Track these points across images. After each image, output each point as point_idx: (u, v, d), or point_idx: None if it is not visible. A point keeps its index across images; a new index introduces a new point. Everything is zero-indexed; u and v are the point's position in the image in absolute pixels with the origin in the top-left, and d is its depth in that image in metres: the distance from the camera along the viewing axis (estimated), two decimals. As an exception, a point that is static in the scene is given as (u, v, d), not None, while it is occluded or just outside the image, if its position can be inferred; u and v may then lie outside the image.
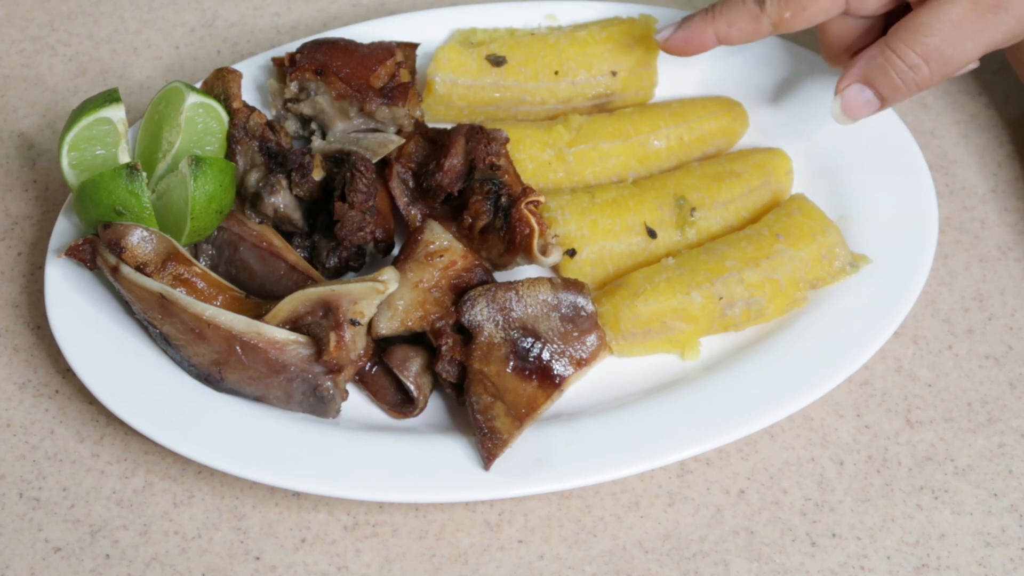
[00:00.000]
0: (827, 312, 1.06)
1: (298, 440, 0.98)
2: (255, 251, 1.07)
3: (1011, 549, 0.98)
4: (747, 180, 1.14)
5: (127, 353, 1.02)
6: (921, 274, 1.07)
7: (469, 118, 1.20)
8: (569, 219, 1.09)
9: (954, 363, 1.09)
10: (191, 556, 0.98)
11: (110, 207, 1.02)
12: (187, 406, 0.99)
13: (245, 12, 1.37)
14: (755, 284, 1.05)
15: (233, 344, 0.99)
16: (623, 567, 0.97)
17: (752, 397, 1.00)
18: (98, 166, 1.07)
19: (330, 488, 0.95)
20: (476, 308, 1.01)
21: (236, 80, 1.12)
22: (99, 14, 1.36)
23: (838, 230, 1.09)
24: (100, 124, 1.06)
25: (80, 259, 1.03)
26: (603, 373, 1.05)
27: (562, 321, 1.02)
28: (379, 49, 1.16)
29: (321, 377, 0.99)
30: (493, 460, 0.96)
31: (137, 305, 1.01)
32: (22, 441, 1.04)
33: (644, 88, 1.22)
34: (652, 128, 1.17)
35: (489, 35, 1.23)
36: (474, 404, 0.98)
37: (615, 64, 1.20)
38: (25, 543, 0.98)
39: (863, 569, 0.97)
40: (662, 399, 1.01)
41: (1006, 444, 1.04)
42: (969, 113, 1.26)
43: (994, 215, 1.18)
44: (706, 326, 1.05)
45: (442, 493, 0.95)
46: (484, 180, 1.07)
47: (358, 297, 0.99)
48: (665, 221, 1.11)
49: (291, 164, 1.07)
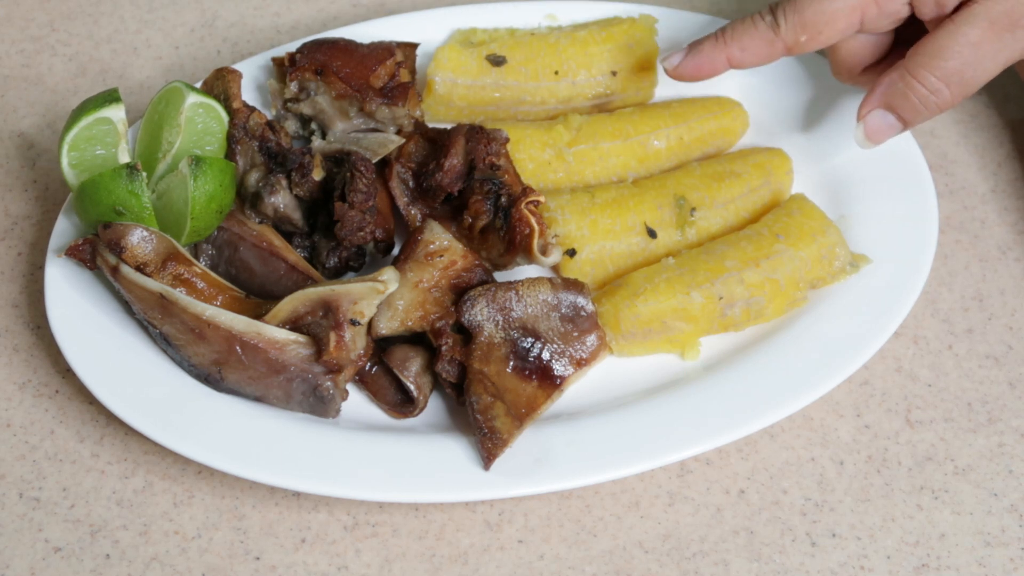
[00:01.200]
0: (827, 312, 1.06)
1: (298, 440, 0.98)
2: (255, 251, 1.07)
3: (1011, 549, 0.98)
4: (747, 180, 1.14)
5: (127, 353, 1.02)
6: (921, 274, 1.07)
7: (469, 118, 1.20)
8: (569, 219, 1.09)
9: (954, 363, 1.09)
10: (191, 556, 0.98)
11: (110, 207, 1.02)
12: (187, 406, 0.99)
13: (245, 12, 1.37)
14: (755, 284, 1.05)
15: (233, 344, 0.99)
16: (623, 567, 0.97)
17: (752, 397, 1.00)
18: (98, 166, 1.07)
19: (330, 488, 0.95)
20: (476, 308, 1.01)
21: (236, 80, 1.12)
22: (99, 14, 1.36)
23: (838, 230, 1.09)
24: (100, 124, 1.06)
25: (80, 259, 1.03)
26: (603, 373, 1.05)
27: (562, 321, 1.02)
28: (379, 49, 1.16)
29: (321, 377, 0.99)
30: (493, 460, 0.96)
31: (137, 305, 1.01)
32: (22, 441, 1.04)
33: (644, 88, 1.22)
34: (652, 128, 1.17)
35: (489, 35, 1.23)
36: (474, 404, 0.98)
37: (615, 64, 1.20)
38: (25, 543, 0.98)
39: (863, 569, 0.97)
40: (662, 399, 1.01)
41: (1006, 444, 1.04)
42: (969, 113, 1.26)
43: (994, 215, 1.18)
44: (706, 326, 1.05)
45: (442, 493, 0.95)
46: (484, 180, 1.07)
47: (358, 297, 0.99)
48: (665, 221, 1.11)
49: (291, 164, 1.07)
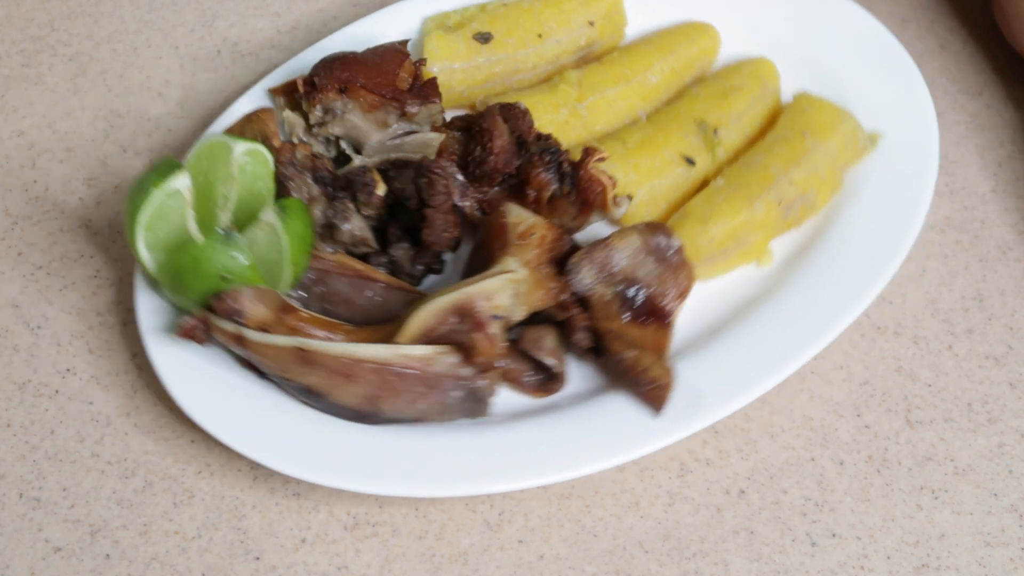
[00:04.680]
0: (862, 209, 1.12)
1: (467, 444, 0.98)
2: (345, 280, 1.05)
3: (1011, 549, 0.98)
4: (749, 91, 1.19)
5: (267, 406, 1.00)
6: (932, 149, 1.14)
7: (470, 100, 1.21)
8: (615, 167, 1.12)
9: (954, 363, 1.09)
10: (191, 556, 0.98)
11: (215, 277, 0.98)
12: (335, 439, 0.98)
13: (245, 12, 1.37)
14: (803, 182, 1.12)
15: (384, 375, 0.96)
16: (623, 567, 0.97)
17: (839, 290, 1.06)
18: (172, 241, 1.01)
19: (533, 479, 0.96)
20: (582, 273, 1.03)
21: (272, 119, 1.10)
22: (99, 14, 1.36)
23: (851, 115, 1.15)
24: (170, 199, 1.01)
25: (193, 338, 0.99)
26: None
27: (656, 263, 1.05)
28: (388, 53, 1.15)
29: (475, 379, 0.98)
30: (664, 405, 0.98)
31: (271, 366, 0.98)
32: (22, 441, 1.04)
33: (617, 30, 1.26)
34: (646, 66, 1.21)
35: (461, 15, 1.24)
36: (622, 361, 1.00)
37: (590, 14, 1.23)
38: (25, 543, 0.98)
39: (863, 569, 0.97)
40: (759, 313, 1.06)
41: (1006, 444, 1.04)
42: (969, 113, 1.26)
43: (994, 215, 1.18)
44: (772, 230, 1.11)
45: (627, 452, 0.97)
46: (543, 151, 1.09)
47: (492, 292, 0.98)
48: (695, 147, 1.15)
49: (357, 186, 1.06)
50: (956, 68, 1.29)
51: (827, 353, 1.08)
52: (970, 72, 1.29)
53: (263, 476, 1.02)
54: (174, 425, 1.04)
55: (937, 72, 1.29)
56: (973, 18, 1.34)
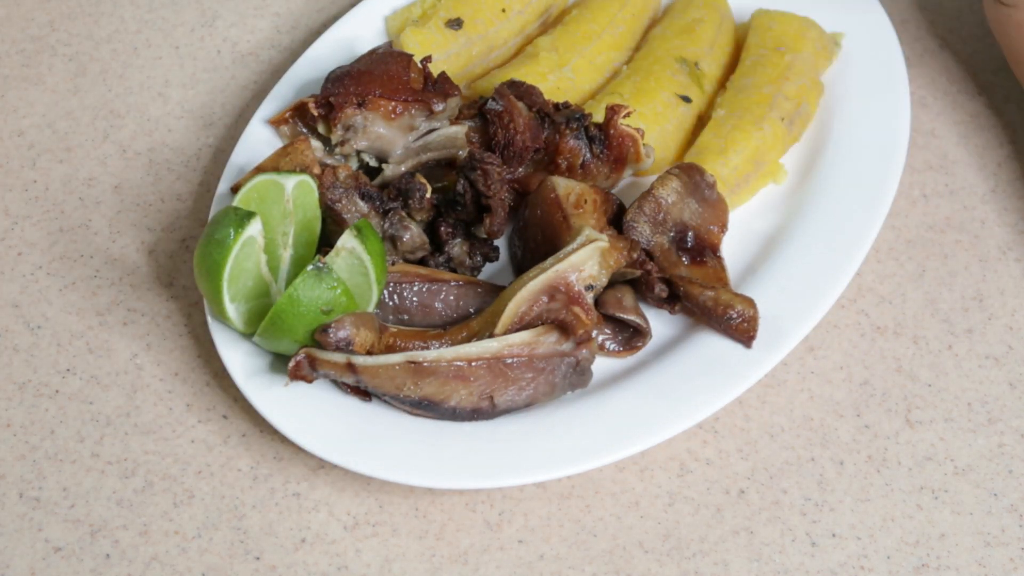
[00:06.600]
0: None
1: (566, 426, 1.00)
2: (415, 287, 1.05)
3: (1011, 549, 0.98)
4: (710, 20, 1.23)
5: (354, 416, 1.00)
6: (892, 39, 1.20)
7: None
8: (624, 121, 1.14)
9: (954, 363, 1.09)
10: (191, 556, 0.98)
11: (316, 312, 0.98)
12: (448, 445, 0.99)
13: (245, 12, 1.37)
14: (795, 95, 1.16)
15: (496, 369, 0.98)
16: (623, 567, 0.97)
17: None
18: (251, 288, 1.01)
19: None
20: (639, 228, 1.06)
21: (308, 147, 1.10)
22: (99, 14, 1.36)
23: (814, 21, 1.20)
24: (247, 247, 1.00)
25: (302, 378, 0.98)
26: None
27: (698, 203, 1.08)
28: (391, 57, 1.14)
29: (577, 352, 0.99)
30: (755, 336, 1.01)
31: (385, 386, 0.98)
32: (22, 441, 1.04)
33: None
34: (609, 17, 1.24)
35: (423, 6, 1.25)
36: (705, 304, 1.02)
37: None
38: (25, 543, 0.98)
39: (863, 569, 0.97)
40: (797, 230, 1.10)
41: (1006, 444, 1.04)
42: (969, 113, 1.26)
43: (994, 215, 1.18)
44: (781, 147, 1.15)
45: (724, 395, 0.99)
46: (569, 119, 1.10)
47: (580, 264, 1.00)
48: (685, 84, 1.18)
49: (410, 194, 1.07)
50: (956, 68, 1.29)
51: (827, 353, 1.08)
52: (970, 72, 1.29)
53: (263, 476, 1.02)
54: (174, 425, 1.05)
55: (937, 72, 1.28)
56: (973, 18, 1.33)
